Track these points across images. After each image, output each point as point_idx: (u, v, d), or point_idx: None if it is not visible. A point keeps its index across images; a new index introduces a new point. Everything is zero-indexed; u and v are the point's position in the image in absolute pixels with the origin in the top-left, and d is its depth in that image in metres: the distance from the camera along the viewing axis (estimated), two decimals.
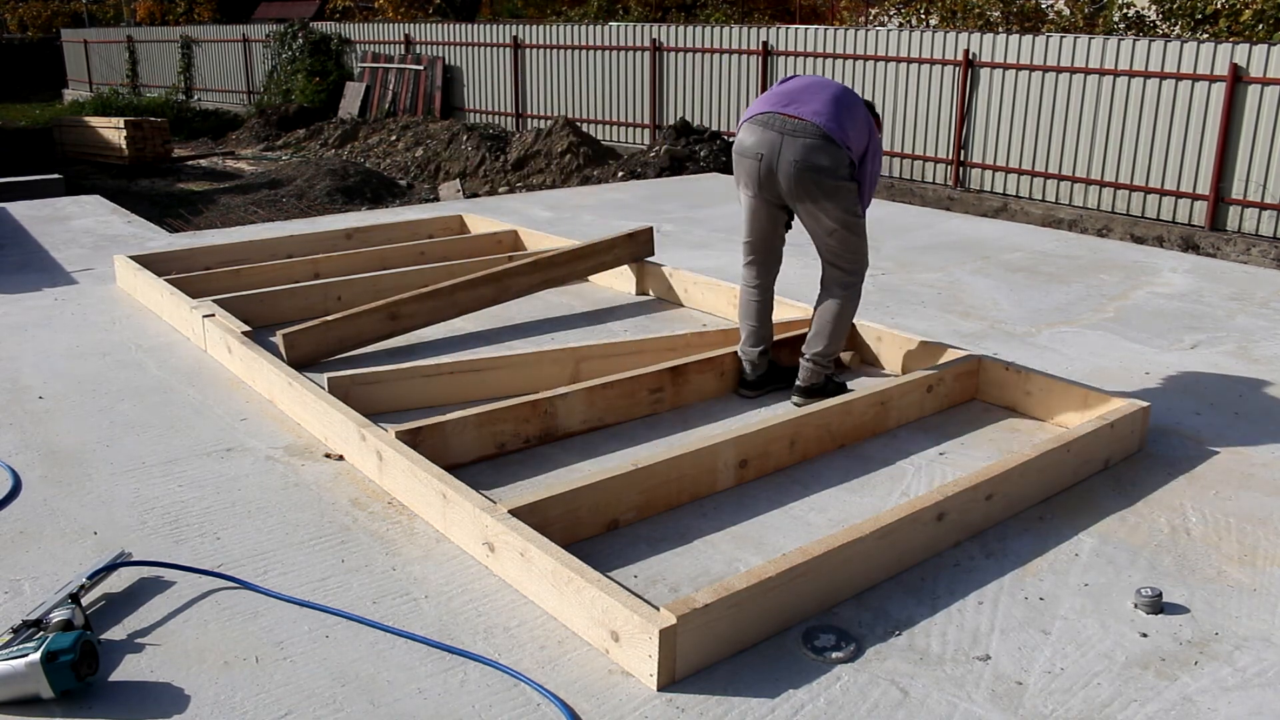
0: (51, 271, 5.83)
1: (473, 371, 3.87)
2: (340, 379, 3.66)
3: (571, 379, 3.96)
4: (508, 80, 17.83)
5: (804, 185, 3.54)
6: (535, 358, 3.97)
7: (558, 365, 3.99)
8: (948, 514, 2.79)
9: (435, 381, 3.81)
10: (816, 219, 3.65)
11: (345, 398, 3.58)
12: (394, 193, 13.64)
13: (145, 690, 2.19)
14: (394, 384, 3.76)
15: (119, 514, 2.97)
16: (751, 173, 3.64)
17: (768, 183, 3.62)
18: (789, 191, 3.59)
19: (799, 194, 3.58)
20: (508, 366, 3.92)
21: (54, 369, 4.19)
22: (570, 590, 2.39)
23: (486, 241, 6.18)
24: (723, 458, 3.14)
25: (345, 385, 3.66)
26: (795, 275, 5.79)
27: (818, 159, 3.49)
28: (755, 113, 3.64)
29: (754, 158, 3.60)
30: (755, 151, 3.59)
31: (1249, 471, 3.32)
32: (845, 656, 2.33)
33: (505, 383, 3.88)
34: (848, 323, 3.83)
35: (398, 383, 3.76)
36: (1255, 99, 10.00)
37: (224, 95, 24.02)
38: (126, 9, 39.56)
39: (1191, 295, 5.46)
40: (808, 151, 3.49)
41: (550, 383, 3.87)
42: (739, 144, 3.67)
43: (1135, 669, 2.30)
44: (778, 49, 14.04)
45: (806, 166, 3.50)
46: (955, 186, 12.40)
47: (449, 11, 26.09)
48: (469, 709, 2.14)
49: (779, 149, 3.54)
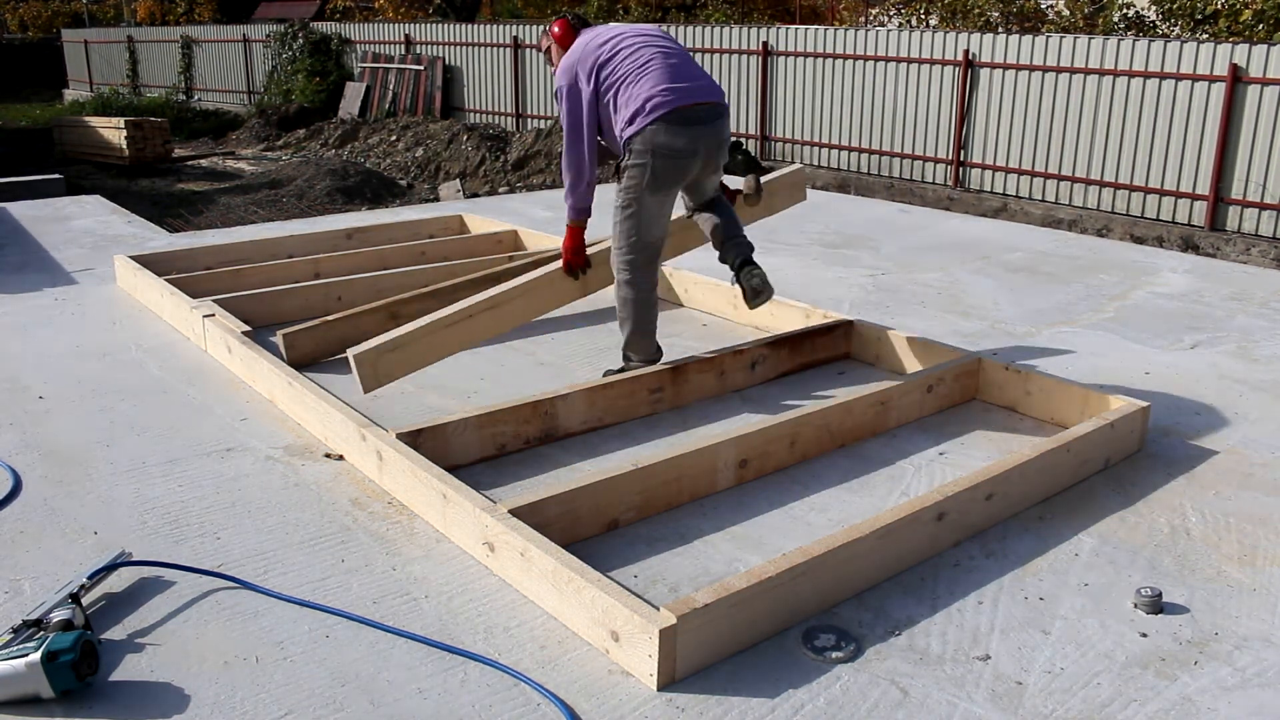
0: (52, 271, 5.83)
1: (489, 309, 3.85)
2: (366, 353, 3.55)
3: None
4: (508, 80, 17.83)
5: (723, 154, 3.80)
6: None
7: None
8: (948, 514, 2.79)
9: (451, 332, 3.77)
10: (714, 179, 3.92)
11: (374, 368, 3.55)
12: (394, 193, 13.64)
13: (145, 690, 2.19)
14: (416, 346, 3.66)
15: (119, 514, 2.97)
16: (684, 170, 3.66)
17: (689, 171, 3.71)
18: (710, 167, 3.79)
19: (717, 166, 3.82)
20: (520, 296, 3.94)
21: (54, 369, 4.19)
22: (570, 590, 2.39)
23: (486, 241, 6.19)
24: (723, 458, 3.14)
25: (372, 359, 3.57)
26: (795, 275, 5.80)
27: (727, 132, 3.79)
28: (669, 109, 3.55)
29: (689, 156, 3.64)
30: (690, 150, 3.62)
31: (1249, 471, 3.32)
32: (845, 656, 2.33)
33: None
34: None
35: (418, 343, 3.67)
36: (1255, 99, 9.99)
37: (224, 95, 24.02)
38: (127, 9, 39.56)
39: (1191, 295, 5.46)
40: (724, 128, 3.75)
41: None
42: (666, 146, 3.56)
43: (1135, 669, 2.31)
44: (778, 49, 14.03)
45: (723, 141, 3.76)
46: (955, 186, 12.40)
47: (449, 11, 26.08)
48: (469, 709, 2.14)
49: (706, 138, 3.66)
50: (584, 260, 3.99)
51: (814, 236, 6.91)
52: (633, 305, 3.81)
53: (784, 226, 7.23)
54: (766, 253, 6.35)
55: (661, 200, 3.69)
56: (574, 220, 3.87)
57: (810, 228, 7.21)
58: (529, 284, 3.96)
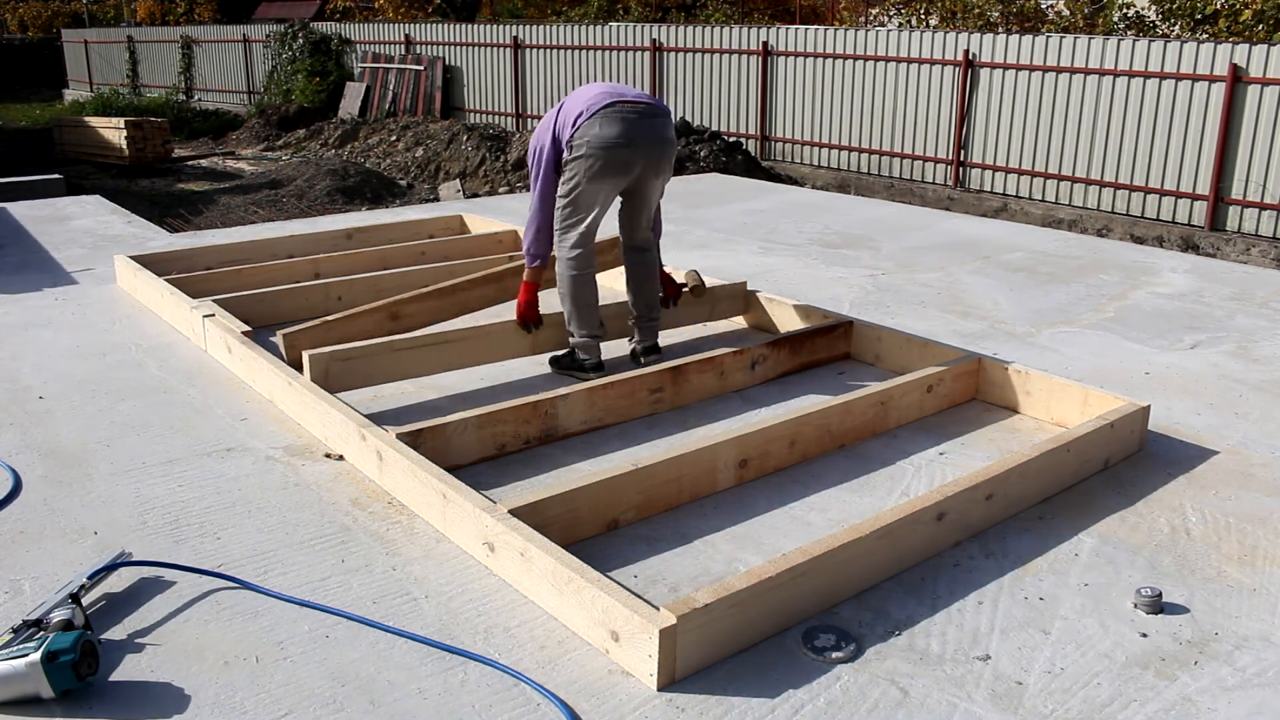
0: (52, 271, 5.83)
1: (435, 345, 4.00)
2: (319, 356, 3.74)
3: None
4: (508, 80, 17.83)
5: (667, 160, 4.01)
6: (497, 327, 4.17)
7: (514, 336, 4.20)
8: (948, 514, 2.79)
9: (405, 355, 3.93)
10: (656, 191, 4.12)
11: (325, 376, 3.71)
12: (394, 193, 13.64)
13: (145, 690, 2.19)
14: (366, 360, 3.83)
15: (119, 514, 2.97)
16: (622, 160, 3.87)
17: (630, 166, 3.90)
18: (652, 169, 3.97)
19: (660, 169, 4.01)
20: (470, 338, 4.08)
21: (54, 369, 4.19)
22: (570, 590, 2.39)
23: (486, 241, 6.19)
24: (723, 458, 3.14)
25: (324, 362, 3.74)
26: (795, 275, 5.80)
27: (668, 133, 3.99)
28: (599, 105, 3.85)
29: (625, 146, 3.84)
30: (625, 138, 3.83)
31: (1249, 471, 3.33)
32: (845, 656, 2.33)
33: (467, 354, 4.09)
34: None
35: (369, 359, 3.84)
36: (1255, 99, 10.00)
37: (224, 95, 24.03)
38: (127, 9, 39.58)
39: (1191, 295, 5.46)
40: (662, 126, 3.96)
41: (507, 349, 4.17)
42: (601, 137, 3.82)
43: (1135, 669, 2.31)
44: (778, 49, 14.04)
45: (663, 140, 3.96)
46: (955, 186, 12.40)
47: (449, 11, 26.10)
48: (469, 709, 2.14)
49: (642, 130, 3.87)
50: (536, 316, 4.22)
51: (814, 236, 6.92)
52: (569, 282, 4.05)
53: (784, 226, 7.24)
54: (766, 253, 6.37)
55: (598, 189, 3.92)
56: (529, 274, 4.18)
57: (810, 228, 7.21)
58: (483, 329, 4.14)
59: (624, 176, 3.93)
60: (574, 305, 4.06)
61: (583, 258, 4.02)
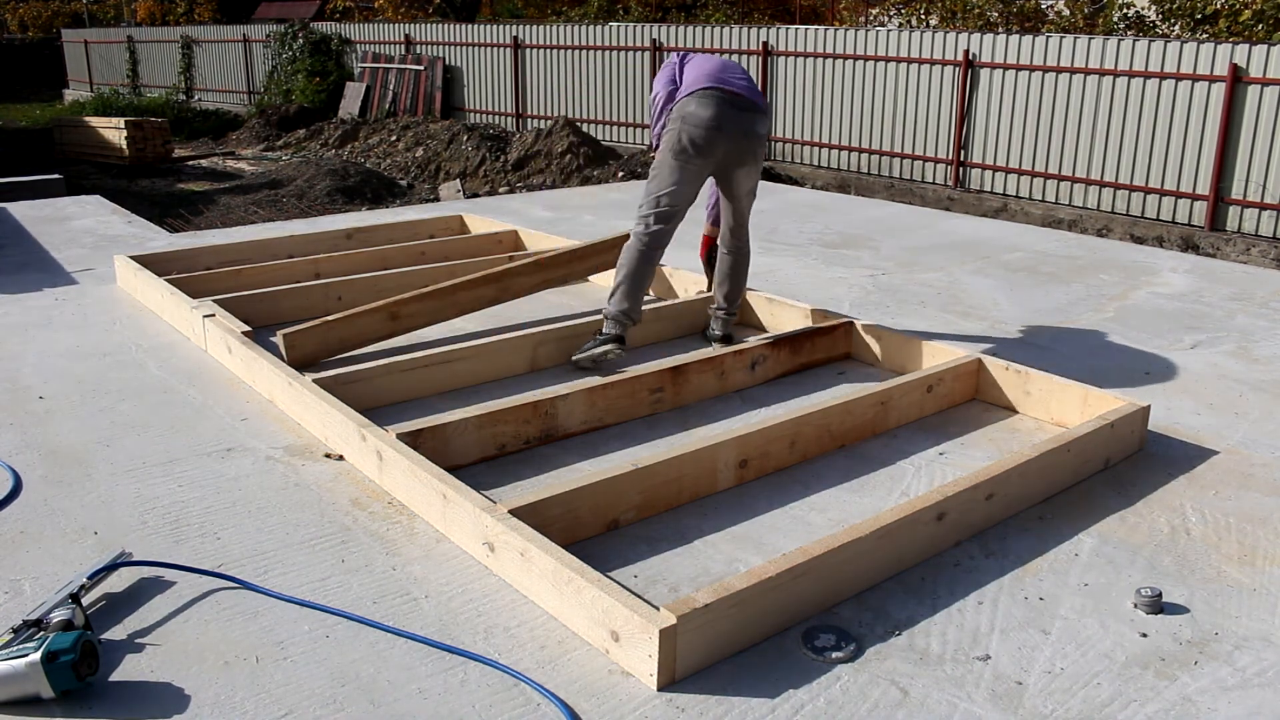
0: (52, 271, 5.83)
1: (443, 363, 3.98)
2: (325, 379, 3.71)
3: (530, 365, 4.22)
4: (508, 80, 17.83)
5: (751, 154, 4.06)
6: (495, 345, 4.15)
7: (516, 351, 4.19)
8: (948, 514, 2.79)
9: (413, 375, 3.91)
10: (744, 183, 4.16)
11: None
12: (394, 193, 13.64)
13: (145, 690, 2.19)
14: (374, 380, 3.81)
15: (119, 514, 2.97)
16: (709, 144, 3.95)
17: (712, 150, 3.97)
18: (735, 158, 4.04)
19: (743, 160, 4.06)
20: (474, 356, 4.06)
21: (54, 369, 4.19)
22: (570, 590, 2.39)
23: (487, 241, 6.19)
24: (723, 458, 3.14)
25: (329, 386, 3.69)
26: (795, 275, 5.80)
27: (761, 129, 4.06)
28: (699, 87, 3.97)
29: (714, 129, 3.92)
30: (714, 122, 3.92)
31: (1249, 471, 3.33)
32: (845, 656, 2.33)
33: (474, 370, 4.06)
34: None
35: (377, 379, 3.81)
36: (1255, 99, 10.00)
37: (224, 95, 24.02)
38: (127, 9, 39.58)
39: (1191, 295, 5.46)
40: (756, 122, 4.02)
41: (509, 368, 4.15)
42: (694, 115, 3.93)
43: (1135, 669, 2.31)
44: (778, 49, 14.03)
45: (753, 134, 4.02)
46: (955, 186, 12.40)
47: (449, 11, 26.10)
48: (469, 709, 2.14)
49: (734, 119, 3.95)
50: (703, 255, 4.74)
51: (814, 236, 6.92)
52: (633, 254, 4.11)
53: (784, 226, 7.24)
54: (766, 253, 6.36)
55: (683, 167, 3.99)
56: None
57: (810, 228, 7.21)
58: (486, 348, 4.12)
59: (705, 159, 3.99)
60: (627, 278, 4.09)
61: (654, 235, 4.07)
